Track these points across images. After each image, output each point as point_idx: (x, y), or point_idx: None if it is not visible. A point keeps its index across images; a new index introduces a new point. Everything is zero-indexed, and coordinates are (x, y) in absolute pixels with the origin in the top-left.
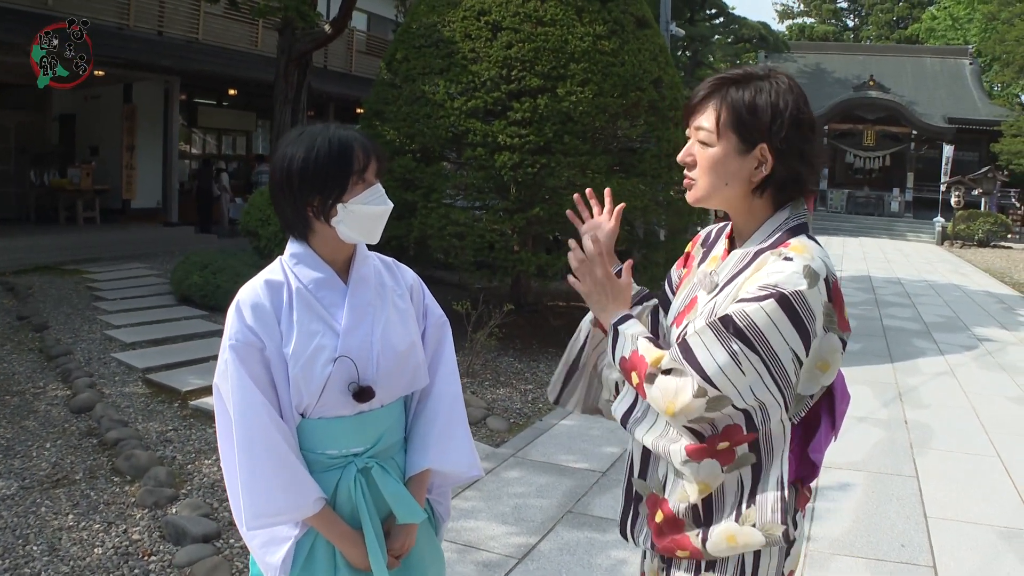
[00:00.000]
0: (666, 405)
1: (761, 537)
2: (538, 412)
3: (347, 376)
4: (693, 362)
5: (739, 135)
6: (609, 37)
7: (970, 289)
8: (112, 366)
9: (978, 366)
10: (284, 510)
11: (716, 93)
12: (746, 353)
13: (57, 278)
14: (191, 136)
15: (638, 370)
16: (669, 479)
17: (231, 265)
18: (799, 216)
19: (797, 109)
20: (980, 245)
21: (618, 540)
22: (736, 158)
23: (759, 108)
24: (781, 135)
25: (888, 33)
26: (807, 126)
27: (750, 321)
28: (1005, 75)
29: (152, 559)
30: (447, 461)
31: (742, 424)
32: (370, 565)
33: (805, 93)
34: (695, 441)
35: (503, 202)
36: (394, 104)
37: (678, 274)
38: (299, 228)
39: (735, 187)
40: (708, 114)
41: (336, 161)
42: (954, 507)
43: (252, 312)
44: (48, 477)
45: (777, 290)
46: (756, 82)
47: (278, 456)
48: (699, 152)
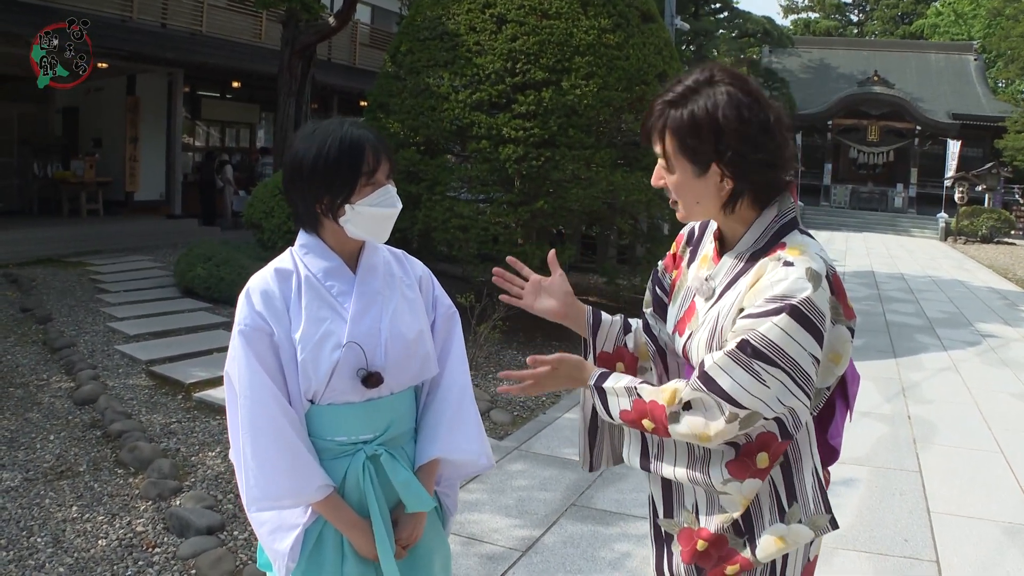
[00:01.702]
0: (699, 435)
1: (810, 531)
2: (541, 405)
3: (355, 362)
4: (719, 392)
5: (689, 160)
6: (614, 31)
7: (973, 285)
8: (116, 358)
9: (981, 362)
10: (287, 493)
11: (660, 119)
12: (768, 370)
13: (60, 270)
14: (194, 128)
15: (653, 416)
16: (702, 506)
17: (235, 257)
18: (787, 212)
19: (739, 120)
20: (984, 241)
21: (622, 533)
22: (696, 181)
23: (700, 128)
24: (728, 153)
25: (892, 28)
26: (758, 133)
27: (767, 340)
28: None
29: (156, 551)
30: (456, 450)
31: (776, 432)
32: (378, 554)
33: (754, 89)
34: (732, 452)
35: (507, 195)
36: (398, 97)
37: (669, 277)
38: (309, 222)
39: (708, 204)
40: (657, 142)
41: (346, 162)
42: (957, 502)
43: (261, 298)
44: (52, 469)
45: (787, 302)
46: (693, 98)
47: (283, 440)
48: (666, 177)
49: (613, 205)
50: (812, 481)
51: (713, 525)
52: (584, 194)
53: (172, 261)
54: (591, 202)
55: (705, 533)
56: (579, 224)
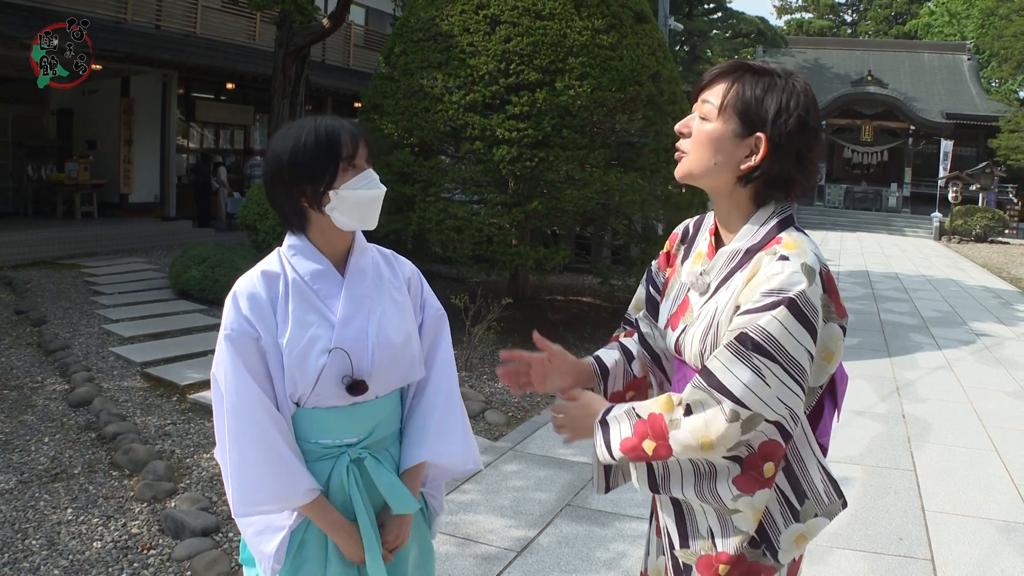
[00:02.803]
0: (701, 441)
1: (827, 520)
2: (536, 406)
3: (341, 368)
4: (719, 387)
5: (741, 118)
6: (608, 31)
7: (967, 284)
8: (110, 360)
9: (976, 361)
10: (272, 499)
11: (732, 74)
12: (768, 365)
13: (55, 272)
14: (189, 130)
15: (652, 430)
16: (716, 530)
17: (229, 259)
18: (785, 209)
19: (805, 111)
20: (978, 240)
21: (617, 533)
22: (731, 140)
23: (768, 98)
24: (782, 130)
25: (886, 29)
26: (811, 131)
27: (766, 334)
28: (1003, 71)
29: (151, 553)
30: (443, 454)
31: (778, 438)
32: (364, 556)
33: (818, 103)
34: (737, 468)
35: (501, 196)
36: (392, 98)
37: (663, 276)
38: (296, 221)
39: (723, 171)
40: (718, 90)
41: (324, 149)
42: (952, 501)
43: (248, 302)
44: (47, 471)
45: (784, 296)
46: (774, 77)
47: (268, 445)
48: (697, 125)
49: (607, 205)
50: (820, 475)
51: (731, 547)
52: (578, 195)
53: (167, 263)
54: (585, 203)
55: (724, 556)
56: (573, 225)
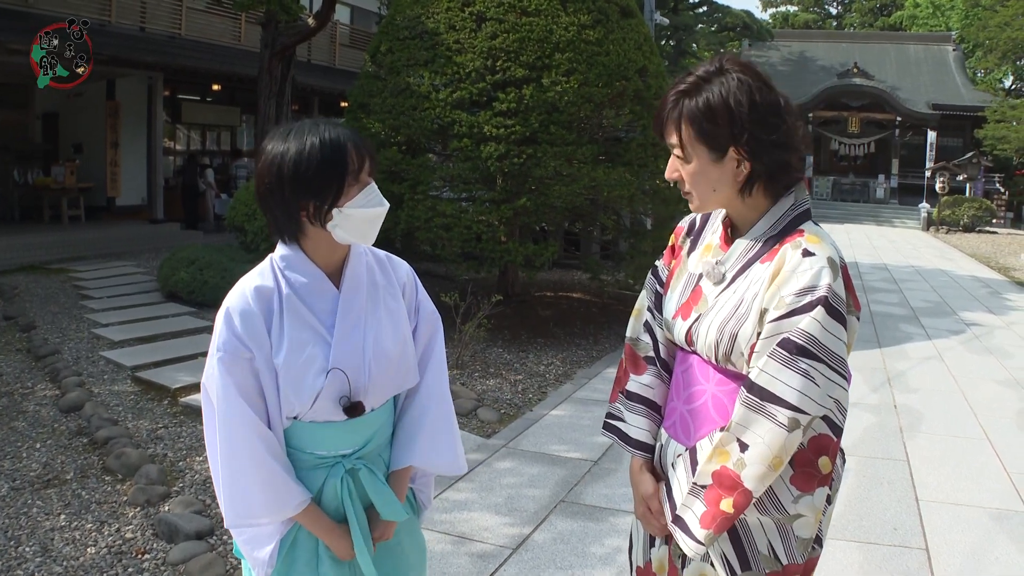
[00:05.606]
0: (772, 464)
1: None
2: (528, 403)
3: (339, 389)
4: (773, 398)
5: (706, 146)
6: (594, 27)
7: (956, 274)
8: (100, 365)
9: (966, 350)
10: (263, 514)
11: (674, 110)
12: (815, 366)
13: (43, 277)
14: (175, 132)
15: (723, 487)
16: (776, 543)
17: (218, 261)
18: (803, 202)
19: (751, 104)
20: (965, 230)
21: (612, 528)
22: (713, 167)
23: (715, 114)
24: (744, 135)
25: (871, 20)
26: (770, 115)
27: (808, 336)
28: (988, 61)
29: (145, 557)
30: (433, 460)
31: (828, 432)
32: (354, 555)
33: (763, 75)
34: (790, 469)
35: (490, 193)
36: (379, 96)
37: (667, 270)
38: (290, 231)
39: (724, 191)
40: (673, 132)
41: (330, 164)
42: (945, 490)
43: (241, 320)
44: (39, 477)
45: (819, 295)
46: (706, 87)
47: (259, 466)
48: (681, 168)
49: (596, 201)
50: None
51: (798, 556)
52: (566, 191)
53: (155, 266)
54: (574, 198)
55: (792, 568)
56: (562, 221)
